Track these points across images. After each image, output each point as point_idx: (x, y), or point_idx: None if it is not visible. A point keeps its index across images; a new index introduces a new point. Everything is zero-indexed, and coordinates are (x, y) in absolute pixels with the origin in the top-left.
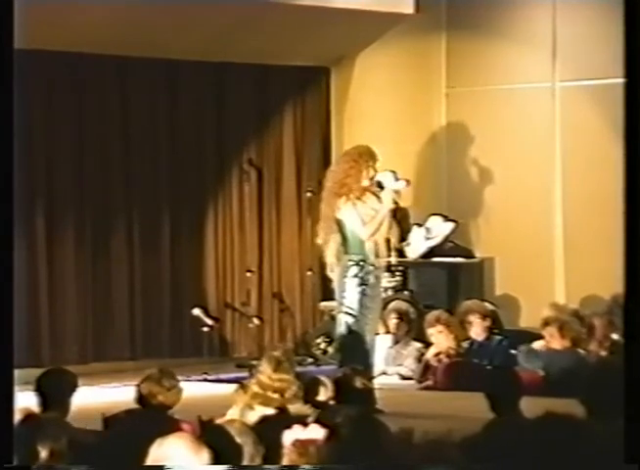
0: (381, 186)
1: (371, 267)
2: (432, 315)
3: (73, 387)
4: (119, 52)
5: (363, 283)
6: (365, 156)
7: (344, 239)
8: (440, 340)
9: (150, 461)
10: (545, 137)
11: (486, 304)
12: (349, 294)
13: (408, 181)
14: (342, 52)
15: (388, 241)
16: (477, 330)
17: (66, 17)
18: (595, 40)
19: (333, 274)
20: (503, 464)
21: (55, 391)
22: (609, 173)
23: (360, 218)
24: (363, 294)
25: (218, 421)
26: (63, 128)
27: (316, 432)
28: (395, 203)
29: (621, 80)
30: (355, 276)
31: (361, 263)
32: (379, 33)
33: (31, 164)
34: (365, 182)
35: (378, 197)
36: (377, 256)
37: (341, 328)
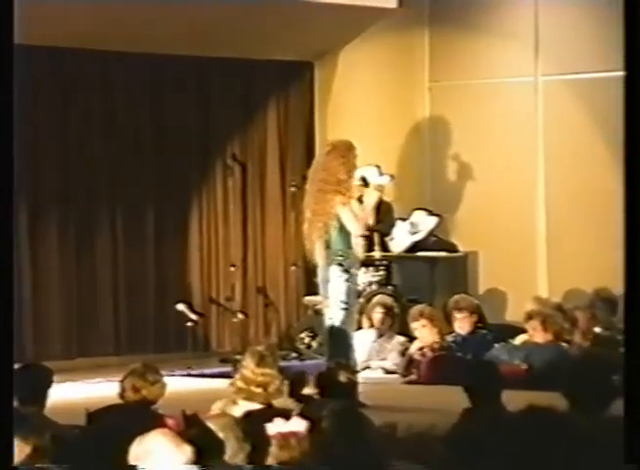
0: (365, 181)
1: (356, 262)
2: (415, 309)
3: (49, 382)
4: (103, 47)
5: (351, 277)
6: (352, 150)
7: (333, 233)
8: (424, 334)
9: (131, 458)
10: (528, 131)
11: (473, 299)
12: (339, 287)
13: (392, 176)
14: (325, 47)
15: (371, 236)
16: (463, 325)
17: (48, 12)
18: (578, 34)
19: (320, 266)
20: (485, 457)
21: (31, 386)
22: (591, 167)
23: (354, 214)
24: (351, 287)
25: (204, 416)
26: (46, 124)
27: (298, 425)
28: (380, 198)
29: (603, 75)
30: (345, 270)
31: (348, 256)
32: (362, 28)
33: (15, 159)
34: (355, 176)
35: (363, 193)
36: (358, 250)
37: (330, 321)
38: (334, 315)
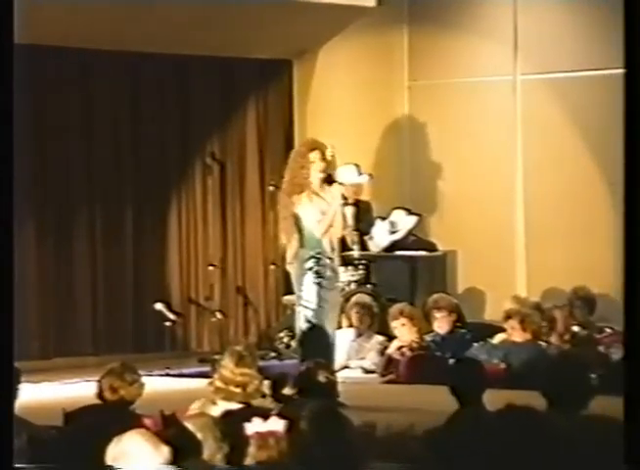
0: (333, 181)
1: (327, 261)
2: (395, 308)
3: (17, 383)
4: (82, 45)
5: (320, 276)
6: (309, 153)
7: (302, 234)
8: (403, 333)
9: (109, 459)
10: (507, 130)
11: (452, 298)
12: (307, 288)
13: (371, 175)
14: (304, 45)
15: (342, 237)
16: (442, 324)
17: (28, 10)
18: (556, 34)
19: (291, 268)
20: (465, 457)
21: None
22: (570, 166)
23: (315, 214)
24: (320, 287)
25: (182, 416)
26: (23, 121)
27: (276, 424)
28: (344, 198)
29: (582, 73)
30: (312, 270)
31: (317, 257)
32: (341, 26)
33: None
34: (318, 175)
35: (329, 192)
36: (333, 249)
37: (300, 322)
38: (305, 315)
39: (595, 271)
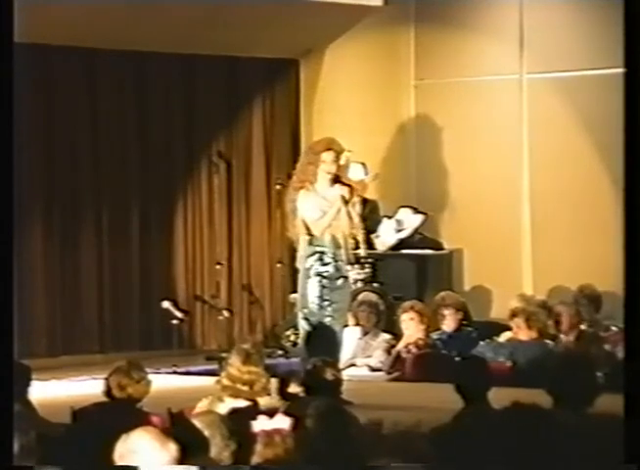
0: (338, 180)
1: (329, 259)
2: (408, 303)
3: (28, 380)
4: (88, 44)
5: (320, 274)
6: (326, 152)
7: (306, 231)
8: (410, 327)
9: (116, 456)
10: (513, 129)
11: (459, 296)
12: (309, 286)
13: (377, 174)
14: (310, 44)
15: (352, 236)
16: (448, 322)
17: (33, 9)
18: (562, 32)
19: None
20: (471, 454)
21: None
22: (576, 165)
23: (314, 212)
24: (321, 285)
25: (190, 414)
26: (30, 119)
27: (282, 422)
28: (343, 197)
29: (588, 72)
30: (312, 267)
31: (318, 254)
32: (348, 26)
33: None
34: (325, 175)
35: (332, 192)
36: (338, 247)
37: (300, 320)
38: (305, 313)
39: (601, 269)
